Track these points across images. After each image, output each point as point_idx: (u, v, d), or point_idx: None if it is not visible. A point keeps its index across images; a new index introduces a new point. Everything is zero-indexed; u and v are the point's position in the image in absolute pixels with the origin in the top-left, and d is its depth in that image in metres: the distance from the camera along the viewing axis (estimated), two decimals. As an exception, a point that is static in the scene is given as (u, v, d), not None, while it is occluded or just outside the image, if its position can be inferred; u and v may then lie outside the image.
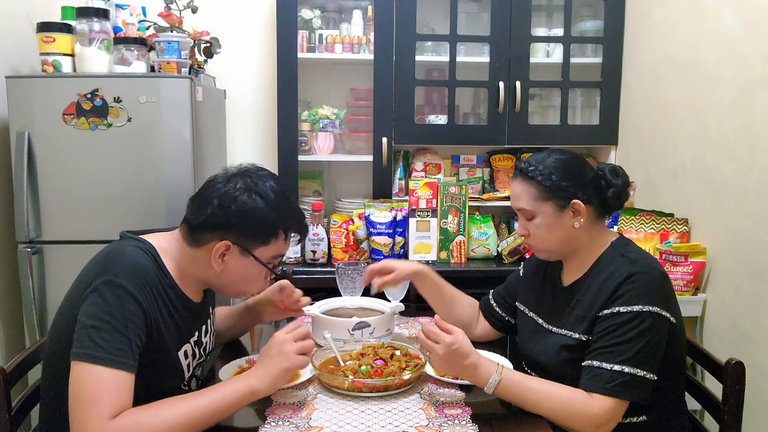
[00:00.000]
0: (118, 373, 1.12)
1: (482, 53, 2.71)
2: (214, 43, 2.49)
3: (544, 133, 2.75)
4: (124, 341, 1.14)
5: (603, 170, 1.45)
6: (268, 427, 1.21)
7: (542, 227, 1.43)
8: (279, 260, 1.38)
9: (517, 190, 1.45)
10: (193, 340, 1.38)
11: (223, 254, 1.29)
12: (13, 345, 2.28)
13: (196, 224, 1.30)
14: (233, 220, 1.27)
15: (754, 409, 1.73)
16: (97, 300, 1.15)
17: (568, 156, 1.45)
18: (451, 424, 1.23)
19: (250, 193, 1.29)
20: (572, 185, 1.40)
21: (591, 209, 1.42)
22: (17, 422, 1.30)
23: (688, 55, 2.18)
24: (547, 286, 1.55)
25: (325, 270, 2.46)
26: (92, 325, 1.13)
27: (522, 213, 1.46)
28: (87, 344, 1.12)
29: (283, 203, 1.33)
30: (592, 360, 1.30)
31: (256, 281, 1.37)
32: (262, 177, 1.33)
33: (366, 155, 2.68)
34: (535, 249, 1.50)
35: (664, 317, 1.31)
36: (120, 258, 1.22)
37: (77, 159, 2.12)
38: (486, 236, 2.68)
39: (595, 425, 1.25)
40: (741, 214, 1.89)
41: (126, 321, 1.15)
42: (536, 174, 1.41)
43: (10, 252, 2.18)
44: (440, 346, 1.29)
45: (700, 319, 2.07)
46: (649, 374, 1.27)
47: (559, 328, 1.44)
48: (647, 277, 1.32)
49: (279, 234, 1.32)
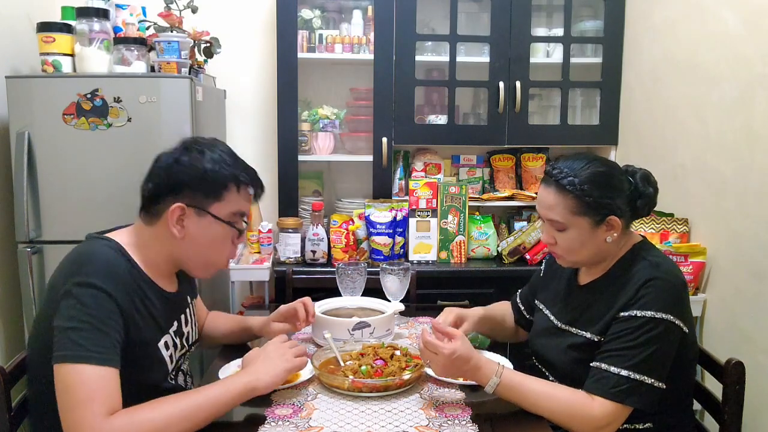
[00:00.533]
0: (105, 369, 1.12)
1: (482, 53, 2.71)
2: (214, 43, 2.49)
3: (544, 133, 2.75)
4: (105, 338, 1.14)
5: (634, 176, 1.40)
6: (268, 427, 1.21)
7: (574, 241, 1.38)
8: (241, 219, 1.33)
9: (550, 200, 1.37)
10: (173, 331, 1.37)
11: (180, 218, 1.27)
12: (13, 345, 2.28)
13: (147, 196, 1.29)
14: (181, 179, 1.26)
15: (754, 409, 1.73)
16: (73, 302, 1.15)
17: (606, 168, 1.37)
18: (451, 424, 1.23)
19: (191, 152, 1.28)
20: (610, 199, 1.34)
21: (623, 220, 1.38)
22: (17, 422, 1.30)
23: (688, 55, 2.18)
24: (562, 283, 1.54)
25: (325, 270, 2.46)
26: (71, 327, 1.13)
27: (552, 224, 1.39)
28: (68, 346, 1.12)
29: (228, 158, 1.30)
30: (600, 362, 1.29)
31: (222, 245, 1.33)
32: (205, 141, 1.32)
33: (366, 155, 2.68)
34: (561, 259, 1.45)
35: (677, 326, 1.29)
36: (90, 258, 1.21)
37: (77, 159, 2.12)
38: (486, 236, 2.68)
39: (594, 427, 1.25)
40: (741, 214, 1.89)
41: (104, 318, 1.15)
42: (574, 187, 1.33)
43: (10, 252, 2.18)
44: (440, 357, 1.28)
45: (700, 319, 2.07)
46: (657, 382, 1.26)
47: (569, 326, 1.44)
48: (667, 283, 1.30)
49: (230, 187, 1.29)
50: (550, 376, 1.48)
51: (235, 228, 1.33)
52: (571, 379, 1.35)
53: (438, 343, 1.29)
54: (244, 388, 1.22)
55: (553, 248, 1.44)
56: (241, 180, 1.31)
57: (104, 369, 1.12)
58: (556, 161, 1.41)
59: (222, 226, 1.30)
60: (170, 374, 1.38)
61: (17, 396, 1.33)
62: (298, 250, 2.57)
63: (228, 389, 1.21)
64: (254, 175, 1.35)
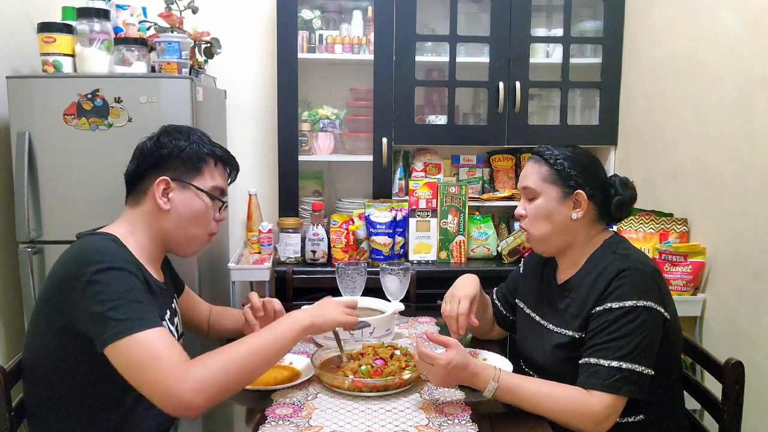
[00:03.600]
0: (154, 330, 1.14)
1: (482, 53, 2.71)
2: (214, 43, 2.49)
3: (544, 133, 2.75)
4: (142, 306, 1.17)
5: (614, 179, 1.47)
6: (268, 427, 1.21)
7: (541, 210, 1.44)
8: (221, 194, 1.42)
9: (528, 170, 1.48)
10: (168, 318, 1.39)
11: (166, 191, 1.34)
12: (14, 345, 2.28)
13: (131, 177, 1.38)
14: (162, 155, 1.35)
15: (754, 409, 1.73)
16: (98, 288, 1.16)
17: (587, 155, 1.48)
18: (451, 424, 1.23)
19: (168, 133, 1.39)
20: (581, 177, 1.42)
21: (592, 207, 1.43)
22: (18, 422, 1.30)
23: (688, 55, 2.19)
24: (543, 283, 1.56)
25: (325, 270, 2.46)
26: (106, 309, 1.14)
27: (526, 192, 1.47)
28: (112, 325, 1.13)
29: (205, 139, 1.41)
30: (589, 357, 1.30)
31: (205, 218, 1.40)
32: (183, 126, 1.43)
33: (366, 155, 2.68)
34: (530, 234, 1.49)
35: (659, 312, 1.31)
36: (95, 249, 1.23)
37: (78, 159, 2.12)
38: (486, 236, 2.68)
39: (595, 422, 1.25)
40: (741, 214, 1.89)
41: (133, 291, 1.18)
42: (550, 157, 1.44)
43: (10, 252, 2.18)
44: (437, 368, 1.28)
45: (699, 319, 2.07)
46: (647, 369, 1.28)
47: (554, 325, 1.45)
48: (639, 272, 1.32)
49: (208, 160, 1.39)
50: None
51: (216, 200, 1.41)
52: (560, 378, 1.35)
53: (433, 354, 1.28)
54: (305, 323, 1.31)
55: (523, 222, 1.49)
56: (217, 155, 1.41)
57: (155, 330, 1.14)
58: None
59: (204, 198, 1.38)
60: None
61: (17, 396, 1.33)
62: (298, 250, 2.58)
63: (291, 325, 1.29)
64: (229, 154, 1.46)
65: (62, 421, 1.26)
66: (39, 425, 1.29)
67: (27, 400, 1.31)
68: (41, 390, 1.27)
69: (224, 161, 1.44)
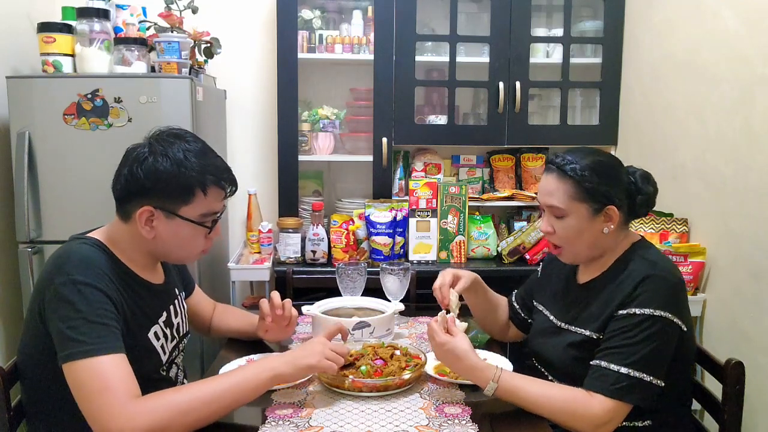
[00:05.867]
0: (111, 357, 1.12)
1: (482, 53, 2.71)
2: (214, 43, 2.49)
3: (544, 134, 2.75)
4: (102, 328, 1.14)
5: (634, 174, 1.42)
6: (268, 427, 1.21)
7: (572, 229, 1.39)
8: (213, 217, 1.32)
9: (551, 186, 1.39)
10: (162, 321, 1.38)
11: (150, 219, 1.27)
12: (13, 345, 2.28)
13: (117, 197, 1.30)
14: (145, 184, 1.25)
15: (754, 409, 1.73)
16: (61, 303, 1.15)
17: (606, 158, 1.40)
18: (451, 424, 1.23)
19: (155, 156, 1.25)
20: (610, 190, 1.36)
21: (621, 214, 1.39)
22: (17, 422, 1.30)
23: (688, 55, 2.19)
24: (561, 283, 1.54)
25: (325, 270, 2.46)
26: (67, 327, 1.13)
27: (552, 210, 1.40)
28: (69, 345, 1.12)
29: (193, 161, 1.27)
30: (600, 360, 1.30)
31: (194, 242, 1.33)
32: (170, 140, 1.28)
33: (366, 155, 2.68)
34: (560, 253, 1.45)
35: (675, 324, 1.30)
36: (68, 257, 1.21)
37: (78, 159, 2.12)
38: (486, 236, 2.68)
39: (595, 425, 1.25)
40: (741, 214, 1.89)
41: (95, 309, 1.15)
42: (575, 173, 1.35)
43: (10, 252, 2.18)
44: (433, 343, 1.34)
45: (699, 319, 2.07)
46: (656, 380, 1.27)
47: (569, 324, 1.44)
48: (663, 281, 1.31)
49: (196, 192, 1.27)
50: (550, 376, 1.48)
51: (205, 227, 1.32)
52: (571, 377, 1.35)
53: (436, 329, 1.33)
54: (268, 374, 1.22)
55: (551, 238, 1.44)
56: (208, 183, 1.28)
57: (110, 357, 1.12)
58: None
59: (192, 226, 1.30)
60: (163, 366, 1.38)
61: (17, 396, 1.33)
62: (298, 250, 2.58)
63: (253, 375, 1.21)
64: (223, 173, 1.32)
65: (59, 421, 1.26)
66: (38, 425, 1.29)
67: (24, 401, 1.31)
68: (36, 391, 1.27)
69: (218, 185, 1.30)
